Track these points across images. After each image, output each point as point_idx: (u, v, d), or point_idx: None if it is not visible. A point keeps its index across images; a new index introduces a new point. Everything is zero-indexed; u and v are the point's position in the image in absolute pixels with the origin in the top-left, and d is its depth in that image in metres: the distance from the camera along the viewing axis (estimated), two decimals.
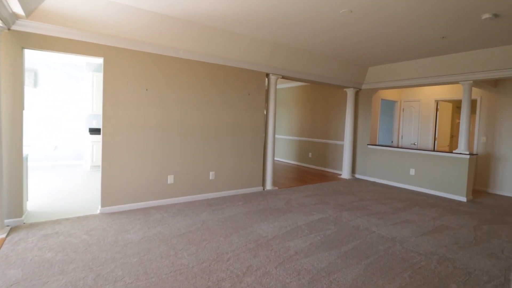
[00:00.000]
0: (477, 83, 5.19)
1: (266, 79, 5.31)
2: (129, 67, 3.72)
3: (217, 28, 4.05)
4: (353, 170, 6.99)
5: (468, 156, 5.00)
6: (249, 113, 4.95)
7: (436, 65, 5.27)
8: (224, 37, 4.23)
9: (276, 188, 5.38)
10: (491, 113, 5.83)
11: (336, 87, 7.17)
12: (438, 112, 6.73)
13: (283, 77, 5.42)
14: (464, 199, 5.04)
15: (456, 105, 7.86)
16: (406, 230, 3.47)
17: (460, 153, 5.08)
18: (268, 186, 5.29)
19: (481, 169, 5.93)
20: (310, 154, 8.28)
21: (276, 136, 9.60)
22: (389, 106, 7.56)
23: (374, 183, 6.30)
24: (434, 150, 5.62)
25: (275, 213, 3.90)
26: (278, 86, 9.50)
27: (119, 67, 3.65)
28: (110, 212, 3.65)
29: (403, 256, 2.75)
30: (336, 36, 4.28)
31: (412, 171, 5.82)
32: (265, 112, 5.24)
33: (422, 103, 6.96)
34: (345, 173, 6.80)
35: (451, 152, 5.21)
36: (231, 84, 4.69)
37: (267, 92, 5.28)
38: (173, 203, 4.19)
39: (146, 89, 3.87)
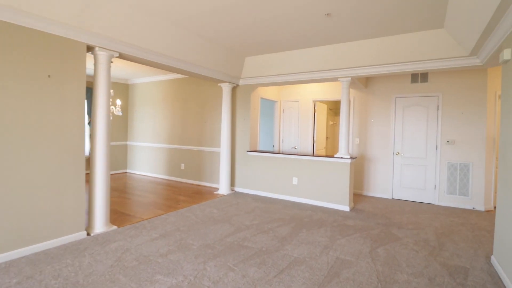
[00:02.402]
0: (354, 82, 4.83)
1: (92, 56, 3.37)
2: None
3: None
4: (233, 183, 5.79)
5: (349, 161, 4.50)
6: (53, 109, 2.89)
7: (315, 59, 4.60)
8: None
9: (115, 227, 3.47)
10: (363, 113, 5.73)
11: (210, 81, 5.82)
12: (316, 114, 6.35)
13: (121, 56, 3.59)
14: (347, 208, 4.51)
15: (329, 107, 7.90)
16: (296, 284, 2.30)
17: (341, 157, 4.54)
18: (99, 226, 3.33)
19: (356, 171, 5.76)
20: (182, 166, 6.64)
21: (138, 143, 7.50)
22: (270, 106, 6.80)
23: (256, 197, 5.23)
24: (314, 155, 4.98)
25: None
26: (137, 80, 7.44)
27: None
28: None
29: None
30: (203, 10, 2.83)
31: (295, 180, 5.04)
32: (86, 108, 3.26)
33: (301, 103, 6.46)
34: (223, 188, 5.51)
35: (332, 157, 4.64)
36: None
37: (95, 76, 3.34)
38: None
39: None
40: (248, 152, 5.56)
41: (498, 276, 2.50)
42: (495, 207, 4.86)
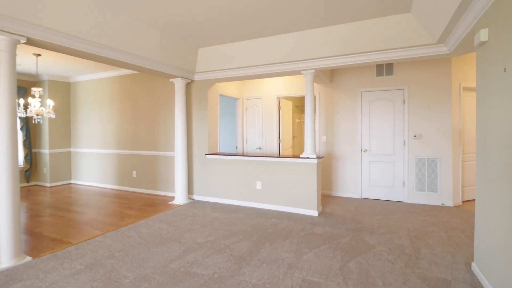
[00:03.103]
0: (318, 75, 4.45)
1: None
2: None
3: None
4: (191, 190, 5.17)
5: (316, 161, 4.10)
6: None
7: (275, 49, 4.15)
8: None
9: (28, 259, 2.72)
10: (329, 110, 5.40)
11: (161, 77, 5.14)
12: (280, 111, 5.93)
13: (29, 42, 2.85)
14: (315, 212, 4.11)
15: (295, 104, 7.54)
16: None
17: (307, 157, 4.14)
18: (5, 260, 2.57)
19: (324, 171, 5.42)
20: (134, 173, 5.88)
21: (83, 150, 6.59)
22: (231, 104, 6.27)
23: (216, 206, 4.67)
24: (278, 156, 4.54)
25: None
26: (80, 78, 6.53)
27: None
28: None
29: None
30: None
31: (259, 185, 4.55)
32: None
33: (264, 100, 6.00)
34: (180, 197, 4.87)
35: (298, 157, 4.22)
36: None
37: None
38: None
39: None
40: (206, 156, 4.98)
41: (482, 287, 2.19)
42: (463, 202, 4.75)
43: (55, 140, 6.51)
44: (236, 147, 6.17)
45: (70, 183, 6.74)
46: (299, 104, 7.72)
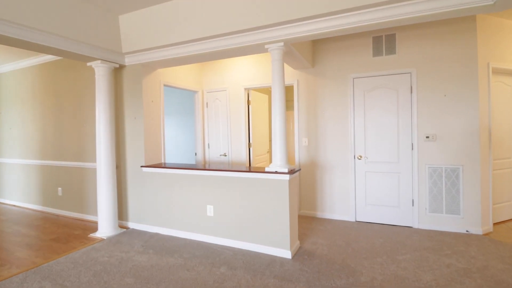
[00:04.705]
0: (291, 53, 3.13)
1: None
2: None
3: None
4: (124, 215, 3.81)
5: (287, 177, 2.77)
6: None
7: (227, 12, 2.81)
8: None
9: None
10: (311, 103, 4.08)
11: (76, 61, 3.74)
12: (250, 107, 4.59)
13: None
14: (288, 253, 2.79)
15: None
16: None
17: (275, 172, 2.81)
18: None
19: (305, 185, 4.11)
20: (60, 191, 4.48)
21: (3, 160, 5.17)
22: (189, 99, 4.91)
23: (151, 242, 3.32)
24: (232, 170, 3.23)
25: None
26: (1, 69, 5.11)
27: None
28: None
29: None
30: None
31: (209, 210, 3.21)
32: None
33: (230, 93, 4.65)
34: (105, 226, 3.50)
35: (263, 171, 2.89)
36: None
37: None
38: None
39: None
40: (143, 169, 3.62)
41: None
42: (494, 225, 3.48)
43: None
44: (196, 154, 4.82)
45: None
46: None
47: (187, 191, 3.34)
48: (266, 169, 2.88)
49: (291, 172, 2.79)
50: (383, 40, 3.62)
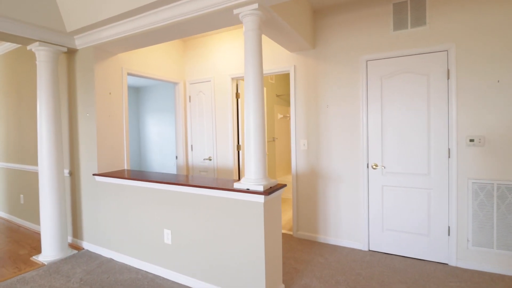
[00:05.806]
0: (277, 24, 2.26)
1: None
2: None
3: None
4: (78, 233, 3.14)
5: (262, 199, 1.93)
6: None
7: None
8: None
9: None
10: (311, 94, 3.18)
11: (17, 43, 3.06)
12: (239, 100, 3.77)
13: None
14: None
15: (276, 93, 5.35)
16: None
17: (246, 190, 1.97)
18: None
19: (303, 199, 3.23)
20: (22, 198, 3.92)
21: None
22: (168, 92, 4.17)
23: (99, 269, 2.60)
24: (189, 184, 2.44)
25: None
26: None
27: None
28: None
29: None
30: None
31: (167, 236, 2.43)
32: None
33: (215, 84, 3.85)
34: (50, 246, 2.83)
35: (230, 189, 2.06)
36: None
37: None
38: None
39: None
40: (95, 177, 2.91)
41: None
42: None
43: None
44: (176, 157, 4.07)
45: None
46: (281, 93, 5.52)
47: (142, 209, 2.58)
48: (235, 185, 2.05)
49: (268, 191, 1.94)
50: (408, 7, 2.65)
